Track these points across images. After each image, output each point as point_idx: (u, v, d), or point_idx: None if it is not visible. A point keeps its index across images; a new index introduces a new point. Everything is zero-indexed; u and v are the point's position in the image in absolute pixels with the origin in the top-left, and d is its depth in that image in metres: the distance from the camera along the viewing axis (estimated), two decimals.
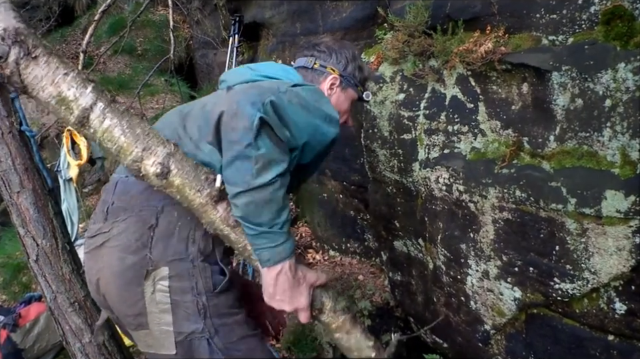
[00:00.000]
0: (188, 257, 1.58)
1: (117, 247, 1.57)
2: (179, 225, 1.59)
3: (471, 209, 2.28)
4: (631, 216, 1.75)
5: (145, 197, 1.61)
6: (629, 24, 1.74)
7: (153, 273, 1.55)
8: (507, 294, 2.22)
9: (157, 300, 1.56)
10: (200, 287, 1.57)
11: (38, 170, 2.37)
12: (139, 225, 1.57)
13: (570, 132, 1.90)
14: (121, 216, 1.60)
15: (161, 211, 1.59)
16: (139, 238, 1.56)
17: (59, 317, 2.51)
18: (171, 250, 1.57)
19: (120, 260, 1.56)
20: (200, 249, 1.59)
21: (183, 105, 1.91)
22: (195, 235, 1.60)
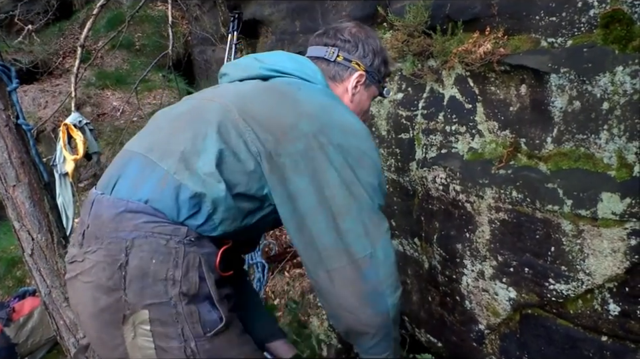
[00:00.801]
0: (169, 302, 1.35)
1: (90, 284, 1.39)
2: (153, 262, 1.35)
3: (467, 209, 2.29)
4: (627, 218, 1.76)
5: (114, 227, 1.38)
6: (628, 27, 1.74)
7: (132, 318, 1.36)
8: (502, 294, 2.23)
9: (139, 345, 1.38)
10: (187, 334, 1.37)
11: (34, 164, 2.37)
12: (107, 262, 1.36)
13: (567, 134, 1.91)
14: (92, 246, 1.40)
15: (130, 246, 1.36)
16: (110, 277, 1.35)
17: (53, 312, 2.51)
18: (148, 292, 1.35)
19: (94, 300, 1.38)
20: (182, 291, 1.36)
21: (172, 106, 1.72)
22: (175, 275, 1.36)
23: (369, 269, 1.48)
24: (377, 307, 1.51)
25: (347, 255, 1.47)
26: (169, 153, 1.44)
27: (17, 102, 2.31)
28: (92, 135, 4.81)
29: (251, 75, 1.67)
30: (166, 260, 1.36)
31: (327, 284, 1.50)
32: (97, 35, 8.14)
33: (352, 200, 1.48)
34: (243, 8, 4.71)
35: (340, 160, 1.48)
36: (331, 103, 1.60)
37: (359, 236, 1.48)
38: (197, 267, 1.39)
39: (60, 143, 4.67)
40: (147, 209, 1.39)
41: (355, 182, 1.49)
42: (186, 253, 1.38)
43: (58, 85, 7.88)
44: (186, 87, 7.09)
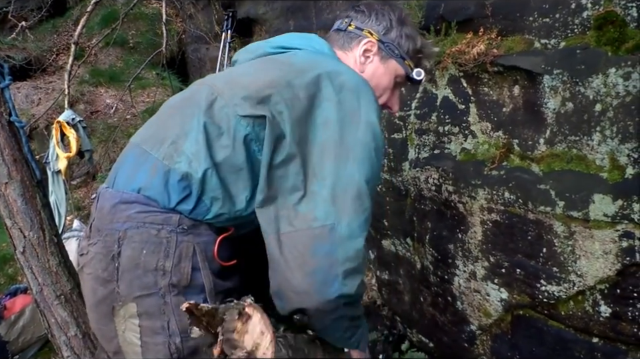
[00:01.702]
0: (158, 292, 1.32)
1: (90, 276, 1.38)
2: (144, 253, 1.33)
3: (459, 210, 2.29)
4: (618, 220, 1.76)
5: (110, 218, 1.37)
6: (621, 30, 1.75)
7: (122, 310, 1.34)
8: (494, 295, 2.23)
9: (128, 340, 1.36)
10: (173, 327, 1.33)
11: (26, 161, 2.35)
12: (103, 254, 1.35)
13: (560, 135, 1.92)
14: (94, 238, 1.39)
15: (123, 237, 1.34)
16: (105, 268, 1.34)
17: (44, 310, 2.49)
18: (137, 283, 1.32)
19: (93, 292, 1.38)
20: (172, 282, 1.32)
21: (177, 94, 1.63)
22: (165, 266, 1.33)
23: (324, 242, 1.29)
24: (322, 291, 1.29)
25: (304, 220, 1.30)
26: (160, 140, 1.41)
27: (10, 99, 2.29)
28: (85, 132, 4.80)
29: (257, 54, 1.61)
30: (157, 250, 1.33)
31: (276, 251, 1.32)
32: (91, 32, 8.12)
33: (330, 163, 1.33)
34: (237, 6, 4.71)
35: (326, 115, 1.36)
36: (327, 59, 1.50)
37: (324, 201, 1.31)
38: (191, 257, 1.35)
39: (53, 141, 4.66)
40: (140, 198, 1.37)
41: (339, 143, 1.34)
42: (178, 242, 1.35)
43: (51, 82, 7.86)
44: (180, 85, 7.07)
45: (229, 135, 1.37)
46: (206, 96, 1.42)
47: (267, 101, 1.35)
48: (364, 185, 1.33)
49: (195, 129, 1.38)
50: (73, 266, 2.58)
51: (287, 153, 1.32)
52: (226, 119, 1.37)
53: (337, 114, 1.35)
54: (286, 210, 1.32)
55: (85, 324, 2.52)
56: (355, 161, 1.33)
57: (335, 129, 1.34)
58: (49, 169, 4.77)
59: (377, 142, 1.38)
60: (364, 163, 1.34)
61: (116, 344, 1.39)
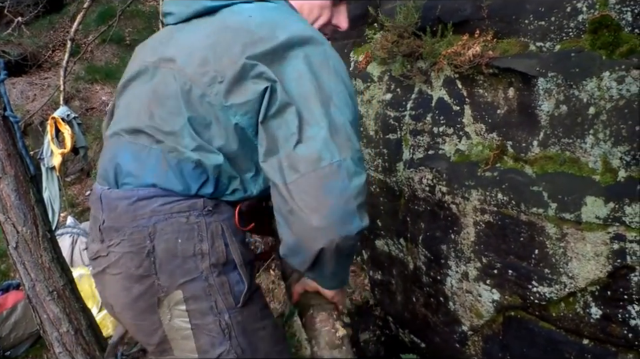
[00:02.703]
0: (201, 276, 1.39)
1: (119, 275, 1.41)
2: (179, 242, 1.38)
3: (452, 211, 2.30)
4: (610, 223, 1.77)
5: (131, 216, 1.40)
6: (615, 34, 1.76)
7: (166, 300, 1.39)
8: (486, 296, 2.24)
9: (176, 327, 1.41)
10: (220, 306, 1.41)
11: (21, 156, 2.35)
12: (134, 251, 1.38)
13: (553, 138, 1.93)
14: (114, 239, 1.42)
15: (153, 232, 1.38)
16: (139, 265, 1.38)
17: (36, 306, 2.49)
18: (179, 272, 1.38)
19: (126, 290, 1.41)
20: (212, 263, 1.40)
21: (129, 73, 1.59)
22: (203, 249, 1.39)
23: (336, 179, 1.28)
24: (344, 228, 1.30)
25: (309, 162, 1.29)
26: (156, 133, 1.42)
27: (5, 94, 2.28)
28: (80, 129, 4.80)
29: (196, 10, 1.52)
30: (191, 237, 1.39)
31: (286, 203, 1.31)
32: (88, 28, 8.12)
33: (318, 109, 1.32)
34: None
35: (298, 69, 1.34)
36: (284, 18, 1.46)
37: (325, 141, 1.29)
38: (221, 235, 1.42)
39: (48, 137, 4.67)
40: (159, 192, 1.40)
41: (319, 91, 1.33)
42: (208, 224, 1.41)
43: (47, 78, 7.85)
44: None
45: (219, 124, 1.39)
46: (180, 86, 1.41)
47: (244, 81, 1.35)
48: (349, 127, 1.34)
49: (185, 127, 1.39)
50: (65, 262, 2.58)
51: (280, 102, 1.32)
52: (210, 110, 1.39)
53: (307, 67, 1.35)
54: (288, 158, 1.31)
55: (77, 320, 2.52)
56: (337, 107, 1.34)
57: (311, 79, 1.34)
58: (44, 165, 4.77)
59: (349, 88, 1.41)
60: (345, 109, 1.35)
61: (160, 334, 1.44)
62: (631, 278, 1.77)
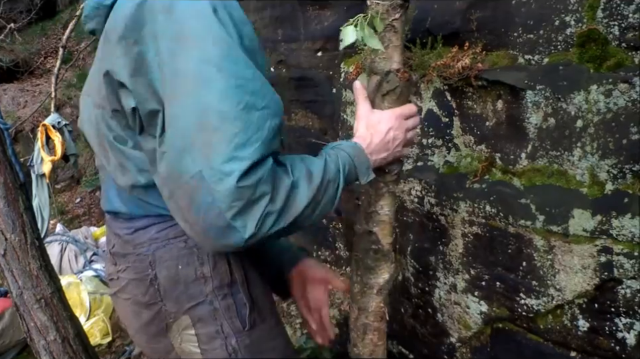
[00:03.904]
0: (206, 299, 1.35)
1: (129, 301, 1.42)
2: (180, 268, 1.34)
3: (441, 222, 2.31)
4: (597, 235, 1.78)
5: (132, 244, 1.38)
6: (603, 47, 1.77)
7: (175, 325, 1.38)
8: (474, 308, 2.24)
9: (187, 351, 1.40)
10: (227, 330, 1.37)
11: (10, 164, 2.34)
12: (138, 279, 1.38)
13: (541, 150, 1.93)
14: (121, 265, 1.41)
15: (153, 260, 1.35)
16: (145, 292, 1.37)
17: (24, 314, 2.48)
18: (184, 297, 1.35)
19: (137, 315, 1.42)
20: (215, 286, 1.36)
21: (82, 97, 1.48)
22: (204, 271, 1.35)
23: (199, 193, 1.07)
24: (226, 243, 1.11)
25: (173, 179, 1.12)
26: (111, 169, 1.37)
27: None
28: (70, 136, 4.79)
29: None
30: (191, 261, 1.35)
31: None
32: (80, 36, 8.10)
33: (170, 106, 1.12)
34: None
35: (150, 51, 1.15)
36: None
37: (180, 152, 1.09)
38: (224, 254, 1.36)
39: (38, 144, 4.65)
40: (152, 220, 1.37)
41: (172, 73, 1.11)
42: None
43: (38, 85, 7.85)
44: None
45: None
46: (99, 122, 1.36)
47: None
48: (218, 107, 1.07)
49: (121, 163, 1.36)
50: (54, 270, 2.57)
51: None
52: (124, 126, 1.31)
53: (155, 53, 1.14)
54: (157, 180, 1.21)
55: (65, 329, 2.51)
56: (189, 95, 1.09)
57: (162, 67, 1.13)
58: (33, 172, 4.75)
59: (226, 46, 1.11)
60: (203, 90, 1.08)
61: (174, 355, 1.43)
62: (618, 291, 1.77)
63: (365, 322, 1.64)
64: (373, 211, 1.56)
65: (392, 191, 1.55)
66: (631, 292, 1.75)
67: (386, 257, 1.58)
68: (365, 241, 1.59)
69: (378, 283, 1.60)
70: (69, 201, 6.48)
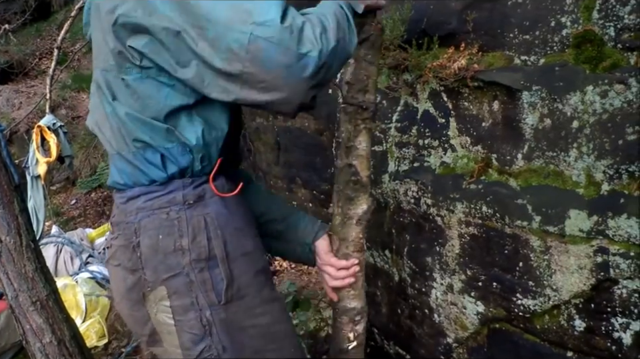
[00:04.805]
0: (182, 271, 1.38)
1: (118, 267, 1.47)
2: (160, 238, 1.39)
3: (437, 223, 2.31)
4: (593, 236, 1.79)
5: (124, 213, 1.44)
6: (599, 48, 1.78)
7: (152, 295, 1.41)
8: (470, 308, 2.24)
9: (161, 321, 1.43)
10: (202, 302, 1.39)
11: (5, 165, 2.33)
12: (125, 245, 1.43)
13: (537, 151, 1.94)
14: (115, 232, 1.48)
15: (138, 228, 1.40)
16: (130, 258, 1.42)
17: (19, 316, 2.46)
18: (162, 267, 1.38)
19: (123, 280, 1.46)
20: (193, 258, 1.38)
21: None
22: (182, 244, 1.38)
23: (260, 51, 1.14)
24: (308, 68, 1.17)
25: (232, 60, 1.17)
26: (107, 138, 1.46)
27: None
28: (66, 138, 4.77)
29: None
30: (171, 232, 1.39)
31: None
32: (75, 37, 8.09)
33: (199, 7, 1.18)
34: None
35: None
36: None
37: (224, 33, 1.16)
38: (204, 229, 1.40)
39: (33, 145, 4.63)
40: (142, 190, 1.42)
41: None
42: (189, 218, 1.40)
43: (33, 86, 7.82)
44: None
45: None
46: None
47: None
48: None
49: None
50: (49, 272, 2.56)
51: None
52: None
53: None
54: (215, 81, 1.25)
55: (60, 331, 2.49)
56: None
57: None
58: (29, 173, 4.73)
59: None
60: None
61: (150, 327, 1.47)
62: (614, 291, 1.78)
63: (346, 252, 1.74)
64: (352, 146, 1.70)
65: (368, 127, 1.70)
66: (627, 292, 1.75)
67: (364, 189, 1.71)
68: (345, 174, 1.71)
69: (357, 214, 1.71)
70: (64, 202, 6.47)
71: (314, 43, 1.17)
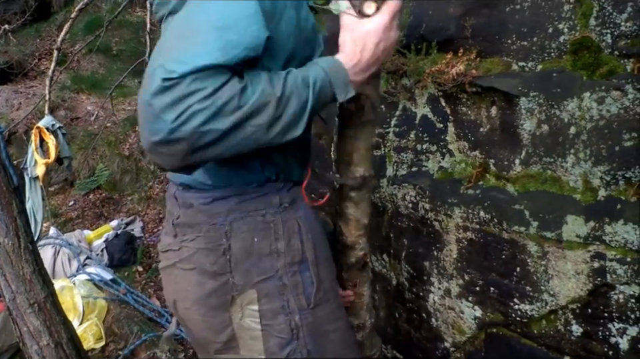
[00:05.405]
0: (276, 275, 1.36)
1: (193, 270, 1.40)
2: (255, 241, 1.36)
3: (435, 228, 2.31)
4: (590, 241, 1.80)
5: (208, 214, 1.39)
6: (596, 55, 1.78)
7: (240, 298, 1.37)
8: (468, 313, 2.25)
9: (245, 326, 1.38)
10: (292, 306, 1.38)
11: (4, 167, 2.33)
12: (209, 249, 1.37)
13: (535, 156, 1.95)
14: (188, 235, 1.41)
15: (230, 230, 1.36)
16: (215, 262, 1.37)
17: (17, 318, 2.47)
18: (255, 270, 1.36)
19: (199, 285, 1.40)
20: (287, 262, 1.38)
21: None
22: (278, 247, 1.37)
23: (145, 85, 1.09)
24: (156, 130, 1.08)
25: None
26: None
27: None
28: (64, 139, 4.77)
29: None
30: (267, 235, 1.37)
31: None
32: (74, 38, 8.09)
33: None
34: None
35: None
36: None
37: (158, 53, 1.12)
38: (298, 232, 1.40)
39: (32, 146, 4.62)
40: (233, 190, 1.39)
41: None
42: (284, 221, 1.39)
43: (32, 86, 7.81)
44: None
45: None
46: None
47: None
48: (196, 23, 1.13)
49: None
50: (47, 274, 2.56)
51: None
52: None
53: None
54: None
55: (58, 333, 2.50)
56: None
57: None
58: (27, 174, 4.72)
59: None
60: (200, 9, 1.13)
61: (229, 333, 1.40)
62: (611, 296, 1.79)
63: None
64: (342, 212, 1.68)
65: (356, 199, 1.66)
66: (624, 297, 1.76)
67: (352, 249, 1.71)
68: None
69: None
70: (62, 203, 6.45)
71: (174, 116, 1.05)
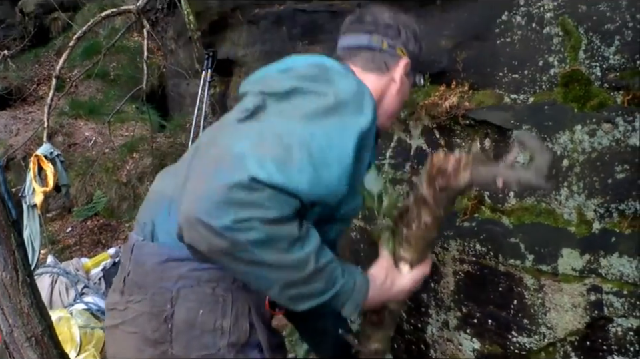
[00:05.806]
0: (217, 353, 1.29)
1: (134, 335, 1.34)
2: (200, 313, 1.29)
3: (432, 260, 2.31)
4: (586, 274, 1.79)
5: (158, 276, 1.31)
6: (586, 87, 1.80)
7: None
8: (466, 345, 2.24)
9: None
10: None
11: (2, 200, 2.33)
12: (153, 314, 1.30)
13: (529, 189, 1.95)
14: (135, 295, 1.34)
15: (176, 297, 1.29)
16: (156, 329, 1.30)
17: (13, 352, 2.45)
18: (196, 344, 1.29)
19: (139, 352, 1.33)
20: (231, 341, 1.30)
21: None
22: (223, 325, 1.30)
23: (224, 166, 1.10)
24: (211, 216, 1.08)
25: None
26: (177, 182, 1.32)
27: None
28: (62, 166, 4.79)
29: (281, 90, 1.34)
30: (214, 309, 1.29)
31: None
32: (73, 63, 8.10)
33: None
34: (217, 46, 4.74)
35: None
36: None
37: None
38: (247, 314, 1.33)
39: (30, 175, 4.64)
40: (190, 255, 1.26)
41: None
42: (234, 300, 1.31)
43: (31, 112, 7.83)
44: (159, 120, 7.03)
45: None
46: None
47: None
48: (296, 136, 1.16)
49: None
50: (45, 307, 2.54)
51: None
52: None
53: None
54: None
55: None
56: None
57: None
58: (25, 202, 4.74)
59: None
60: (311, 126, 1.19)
61: None
62: (609, 329, 1.78)
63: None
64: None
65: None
66: (622, 330, 1.75)
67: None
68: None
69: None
70: (59, 230, 6.44)
71: (233, 218, 1.06)
